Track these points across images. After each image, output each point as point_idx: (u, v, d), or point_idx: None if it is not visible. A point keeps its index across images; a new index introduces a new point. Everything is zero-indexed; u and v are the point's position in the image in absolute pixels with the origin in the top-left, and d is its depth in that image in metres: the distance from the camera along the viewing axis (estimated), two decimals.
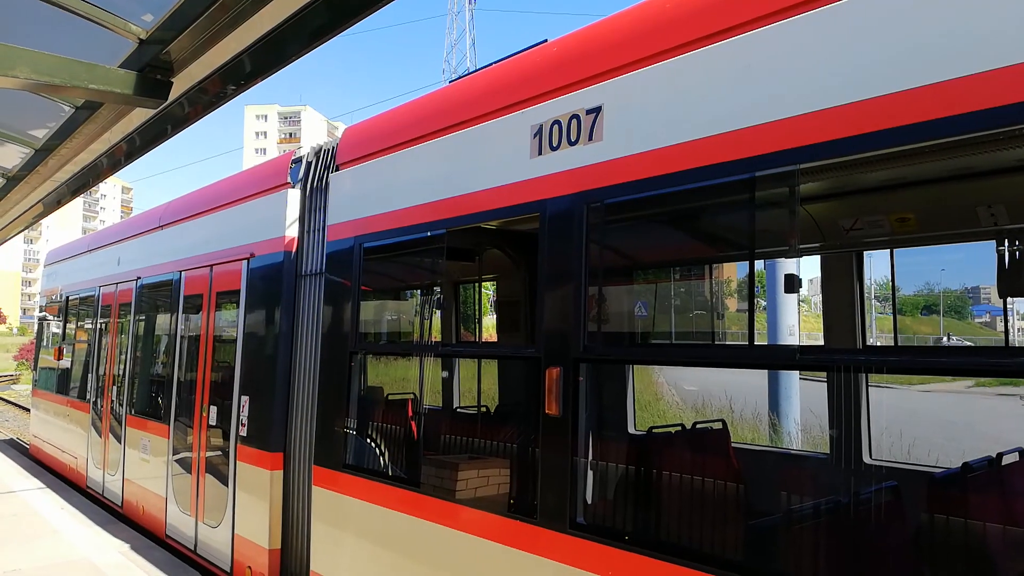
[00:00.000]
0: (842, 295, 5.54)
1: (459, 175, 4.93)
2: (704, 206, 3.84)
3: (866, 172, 4.41)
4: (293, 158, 7.19)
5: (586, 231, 3.94)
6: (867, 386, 5.35)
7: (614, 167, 3.84)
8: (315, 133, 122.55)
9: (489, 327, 9.93)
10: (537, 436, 4.08)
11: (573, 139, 4.08)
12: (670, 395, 16.24)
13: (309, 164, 6.96)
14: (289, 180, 7.06)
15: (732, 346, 4.81)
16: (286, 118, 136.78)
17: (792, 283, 3.09)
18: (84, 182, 6.01)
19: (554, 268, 4.11)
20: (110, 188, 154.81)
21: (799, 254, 4.91)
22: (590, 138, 3.98)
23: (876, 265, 5.86)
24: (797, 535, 3.57)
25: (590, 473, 3.96)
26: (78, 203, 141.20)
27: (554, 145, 4.20)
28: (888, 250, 5.47)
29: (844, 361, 3.24)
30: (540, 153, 4.29)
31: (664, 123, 3.66)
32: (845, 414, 5.32)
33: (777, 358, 4.04)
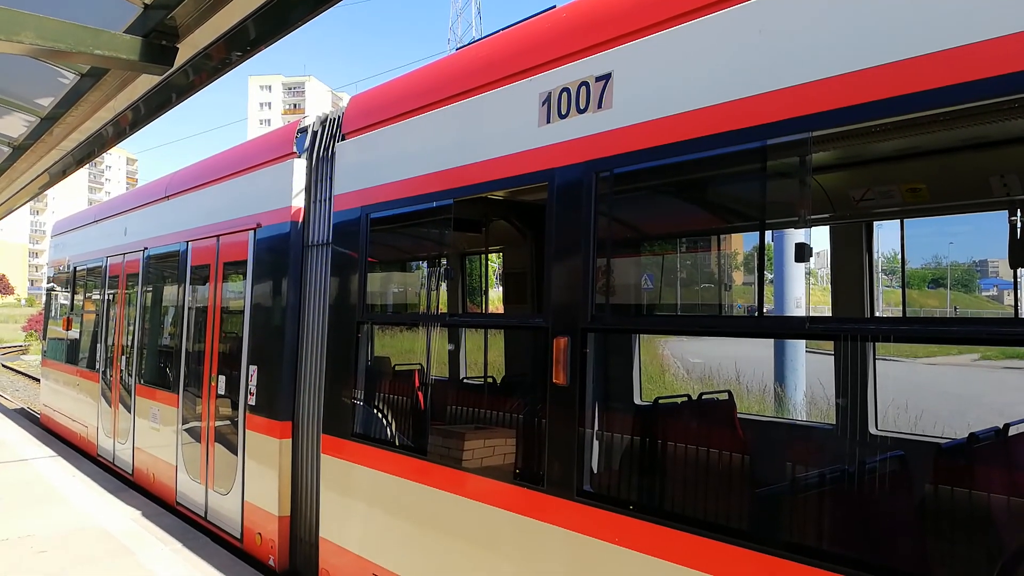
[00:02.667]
0: (851, 267, 5.52)
1: (466, 144, 4.89)
2: (715, 175, 3.81)
3: (879, 141, 4.35)
4: (299, 128, 7.14)
5: (595, 200, 3.91)
6: (874, 356, 5.34)
7: (624, 135, 3.80)
8: (319, 104, 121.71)
9: (495, 300, 9.94)
10: (544, 405, 4.09)
11: (582, 107, 4.03)
12: (675, 368, 16.29)
13: (315, 134, 6.92)
14: (295, 150, 7.02)
15: (741, 316, 4.80)
16: (290, 89, 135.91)
17: (803, 252, 3.06)
18: (89, 151, 5.99)
19: (562, 238, 4.09)
20: (115, 159, 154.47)
21: (809, 225, 4.88)
22: (600, 106, 3.94)
23: (883, 238, 5.83)
24: (802, 503, 3.59)
25: (597, 442, 3.98)
26: (83, 174, 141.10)
27: (563, 113, 4.15)
28: (899, 220, 5.43)
29: (853, 330, 3.23)
30: (548, 121, 4.25)
31: (675, 90, 3.61)
32: (852, 384, 5.32)
33: (787, 327, 4.02)
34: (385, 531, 5.34)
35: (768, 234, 7.69)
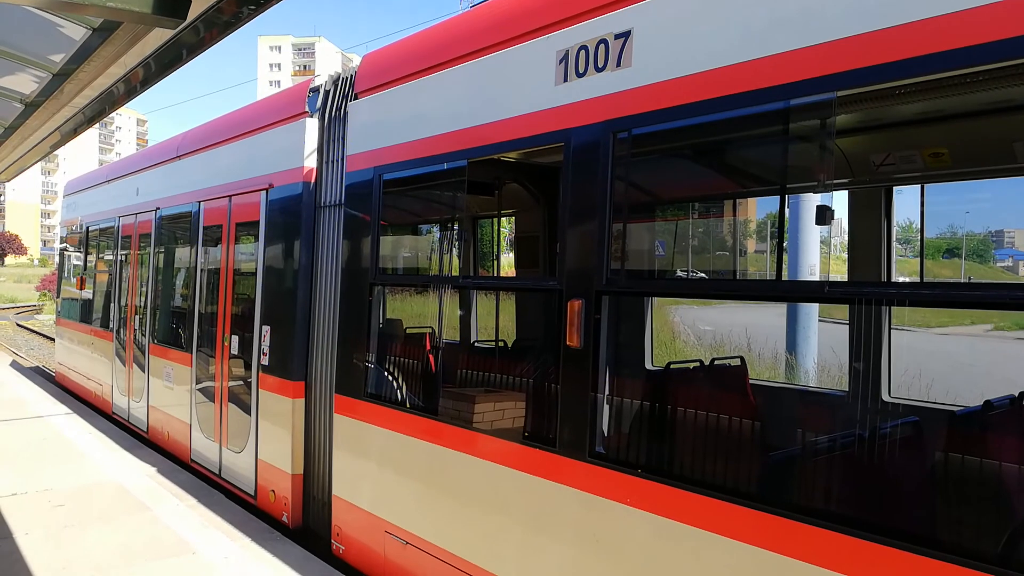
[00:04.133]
0: (869, 234, 5.45)
1: (480, 104, 4.82)
2: (735, 137, 3.74)
3: (902, 104, 4.26)
4: (311, 87, 7.06)
5: (612, 161, 3.86)
6: (889, 322, 5.30)
7: (642, 95, 3.73)
8: (329, 65, 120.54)
9: (506, 266, 9.92)
10: (557, 368, 4.09)
11: (600, 65, 3.95)
12: (686, 335, 16.30)
13: (327, 93, 6.84)
14: (307, 109, 6.95)
15: (759, 279, 4.75)
16: (300, 49, 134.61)
17: (824, 215, 3.02)
18: (100, 109, 5.94)
19: (578, 199, 4.04)
20: (125, 120, 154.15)
21: (829, 190, 4.81)
22: (618, 64, 3.86)
23: (900, 206, 5.74)
24: (814, 467, 3.60)
25: (609, 404, 3.98)
26: (94, 135, 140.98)
27: (580, 72, 4.08)
28: (919, 186, 5.35)
29: (872, 294, 3.19)
30: (565, 80, 4.17)
31: (695, 49, 3.53)
32: (865, 351, 5.29)
33: (806, 291, 3.96)
34: (397, 490, 5.41)
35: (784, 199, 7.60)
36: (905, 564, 2.69)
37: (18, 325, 32.86)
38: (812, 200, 4.56)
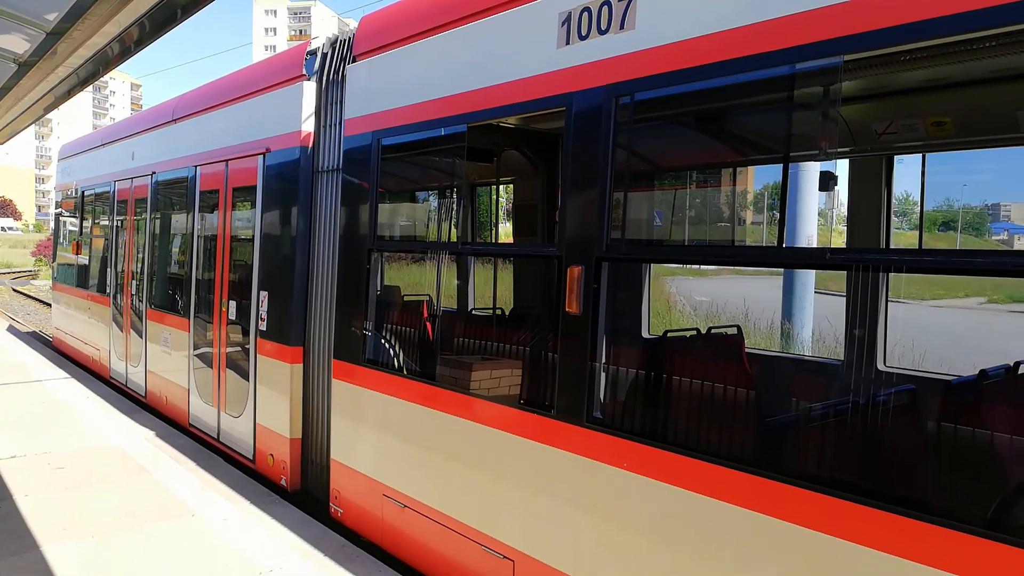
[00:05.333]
0: (868, 203, 5.43)
1: (481, 67, 4.76)
2: (740, 104, 3.70)
3: (907, 70, 4.22)
4: (308, 49, 6.97)
5: (614, 126, 3.82)
6: (887, 292, 5.31)
7: (646, 58, 3.68)
8: (325, 30, 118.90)
9: (504, 236, 9.89)
10: (556, 335, 4.10)
11: (603, 27, 3.90)
12: (681, 305, 16.34)
13: (325, 56, 6.75)
14: (304, 72, 6.87)
15: (762, 246, 4.74)
16: (296, 14, 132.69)
17: (828, 181, 3.01)
18: (95, 70, 5.86)
19: (579, 164, 4.02)
20: (119, 85, 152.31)
21: (830, 157, 4.79)
22: (621, 26, 3.80)
23: (898, 178, 5.71)
24: (810, 433, 3.63)
25: (607, 371, 4.00)
26: (88, 99, 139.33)
27: (583, 34, 4.02)
28: (920, 155, 5.32)
29: (873, 260, 3.19)
30: (567, 43, 4.12)
31: (701, 10, 3.48)
32: (862, 320, 5.31)
33: (808, 258, 3.90)
34: (396, 454, 5.45)
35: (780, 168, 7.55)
36: (897, 528, 2.73)
37: (14, 290, 32.80)
38: (813, 169, 4.53)
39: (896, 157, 5.50)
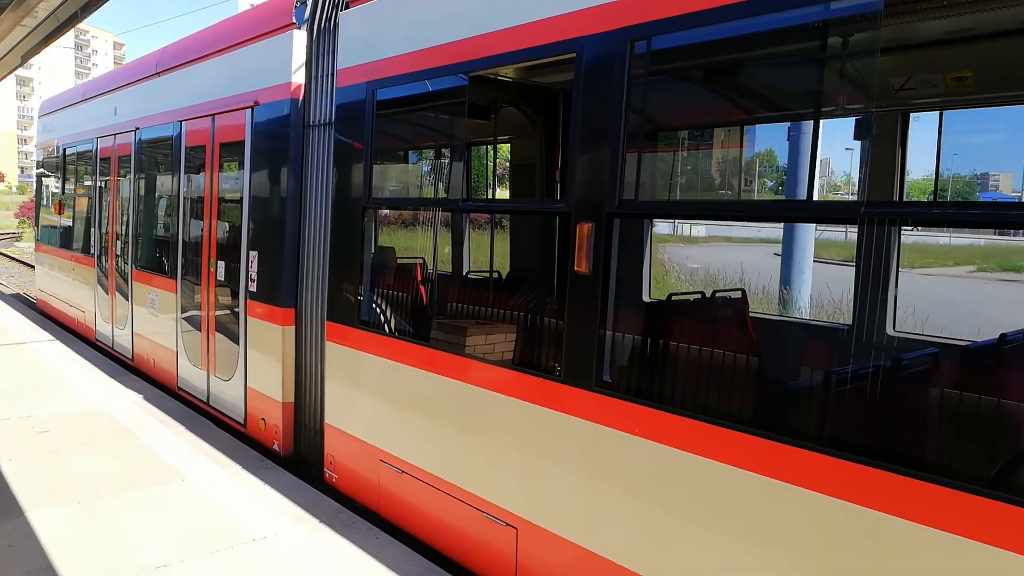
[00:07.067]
0: (882, 161, 5.22)
1: (483, 10, 4.48)
2: (768, 53, 3.46)
3: (929, 19, 4.00)
4: None
5: (628, 72, 3.58)
6: (898, 254, 5.14)
7: None
8: None
9: (500, 197, 9.62)
10: (563, 295, 3.90)
11: None
12: (676, 272, 16.19)
13: (316, 2, 6.42)
14: (294, 20, 6.53)
15: (790, 200, 4.52)
16: None
17: (865, 128, 2.81)
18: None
19: (590, 114, 3.78)
20: (101, 44, 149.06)
21: (848, 113, 4.57)
22: None
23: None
24: (829, 398, 3.47)
25: (618, 333, 3.82)
26: (70, 57, 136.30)
27: None
28: (938, 112, 5.11)
29: (913, 214, 3.00)
30: None
31: None
32: (874, 283, 5.14)
33: (839, 211, 3.65)
34: (393, 419, 5.28)
35: (785, 125, 7.33)
36: (912, 491, 2.59)
37: None
38: (832, 124, 4.33)
39: (912, 115, 5.29)
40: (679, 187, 4.82)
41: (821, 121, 2.95)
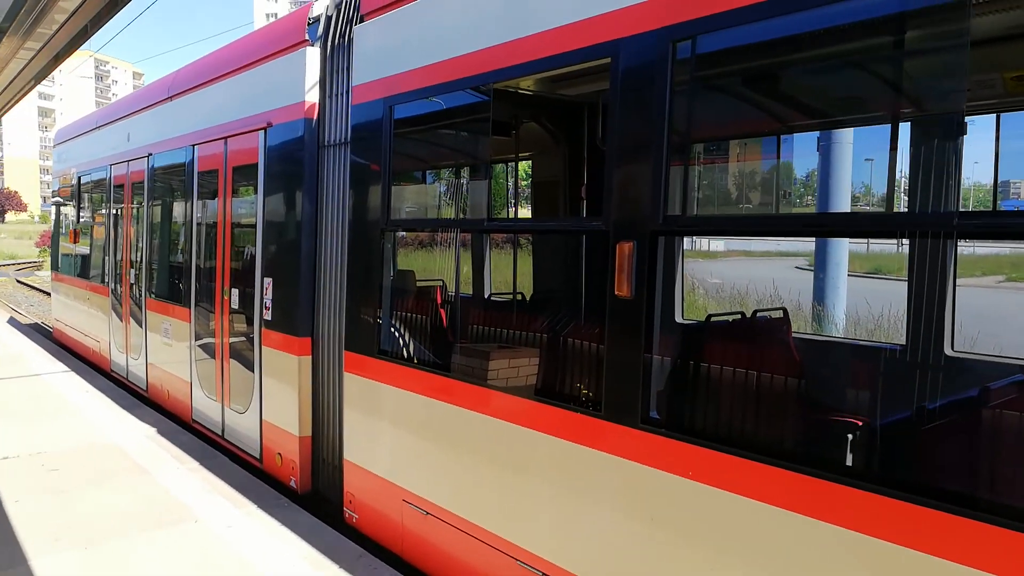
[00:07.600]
0: (933, 170, 4.84)
1: (509, 16, 4.18)
2: (824, 47, 3.11)
3: (983, 13, 3.64)
4: (311, 13, 6.38)
5: (671, 76, 3.24)
6: (955, 269, 4.73)
7: None
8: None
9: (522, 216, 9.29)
10: (602, 322, 3.55)
11: None
12: (697, 288, 15.76)
13: (329, 18, 6.17)
14: (307, 37, 6.29)
15: (869, 212, 4.14)
16: None
17: (956, 130, 2.50)
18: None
19: (629, 123, 3.44)
20: (121, 74, 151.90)
21: (906, 119, 4.21)
22: None
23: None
24: (915, 435, 3.08)
25: (665, 360, 3.46)
26: (90, 89, 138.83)
27: None
28: (994, 115, 4.73)
29: (1015, 226, 2.63)
30: None
31: None
32: (929, 300, 4.73)
33: (929, 223, 3.27)
34: (418, 457, 4.92)
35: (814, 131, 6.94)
36: None
37: (18, 282, 32.43)
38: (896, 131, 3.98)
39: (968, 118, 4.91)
40: (728, 200, 4.46)
41: (900, 124, 2.59)
